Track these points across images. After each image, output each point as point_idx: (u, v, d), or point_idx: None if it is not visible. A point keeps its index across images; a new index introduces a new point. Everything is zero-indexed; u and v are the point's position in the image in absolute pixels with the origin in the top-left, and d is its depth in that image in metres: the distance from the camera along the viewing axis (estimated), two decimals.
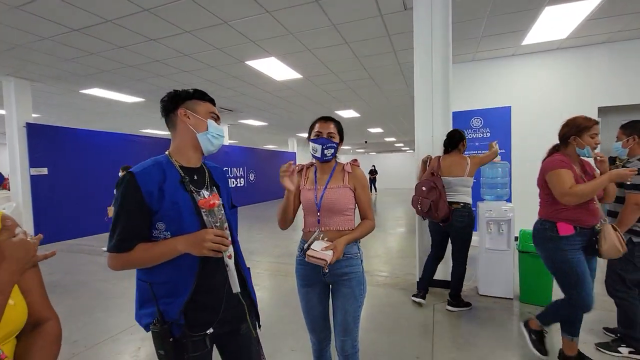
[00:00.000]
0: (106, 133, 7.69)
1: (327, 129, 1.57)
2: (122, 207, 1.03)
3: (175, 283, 1.07)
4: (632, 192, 2.07)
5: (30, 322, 0.74)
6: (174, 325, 1.06)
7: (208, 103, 1.19)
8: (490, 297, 3.23)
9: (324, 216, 1.55)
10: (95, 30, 3.94)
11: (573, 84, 5.07)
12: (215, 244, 1.00)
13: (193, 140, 1.14)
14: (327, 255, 1.41)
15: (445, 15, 3.17)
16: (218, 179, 1.26)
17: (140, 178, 1.04)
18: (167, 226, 1.05)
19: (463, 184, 2.89)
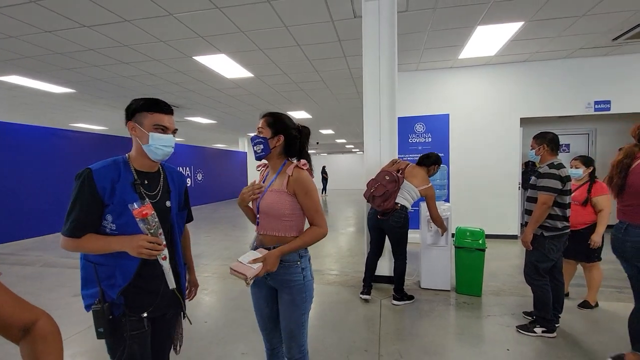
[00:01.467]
0: (30, 126, 6.81)
1: (258, 126, 1.52)
2: (78, 198, 1.17)
3: (117, 267, 1.21)
4: (542, 193, 2.40)
5: (18, 330, 0.70)
6: (114, 305, 1.20)
7: (156, 114, 1.25)
8: (430, 289, 3.49)
9: (262, 219, 1.49)
10: (16, 11, 3.48)
11: (500, 96, 5.69)
12: (147, 249, 1.14)
13: (141, 150, 1.26)
14: (251, 269, 1.35)
15: (392, 26, 3.36)
16: (173, 183, 1.39)
17: (97, 175, 1.18)
18: (113, 219, 1.20)
19: (410, 191, 3.11)
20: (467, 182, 5.80)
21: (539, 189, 2.42)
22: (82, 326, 2.76)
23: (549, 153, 2.52)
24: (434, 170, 3.28)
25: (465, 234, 3.34)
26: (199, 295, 3.52)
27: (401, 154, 5.58)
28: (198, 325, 2.81)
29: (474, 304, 3.16)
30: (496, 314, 2.93)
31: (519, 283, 3.61)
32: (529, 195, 2.58)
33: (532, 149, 2.61)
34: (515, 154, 5.69)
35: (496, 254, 4.81)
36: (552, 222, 2.44)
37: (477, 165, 5.77)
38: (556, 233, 2.44)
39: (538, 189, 2.44)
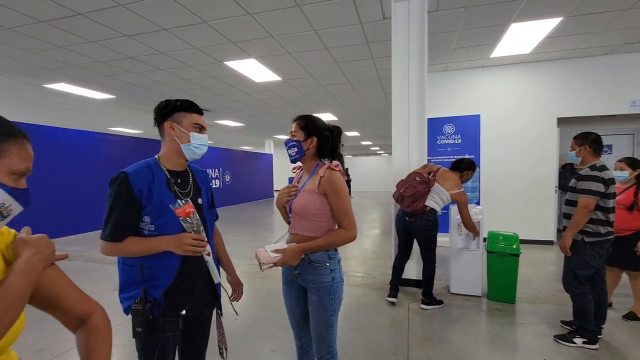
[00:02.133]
0: (75, 131, 7.31)
1: (291, 129, 1.56)
2: (116, 202, 1.18)
3: (161, 267, 1.23)
4: (583, 196, 2.28)
5: (76, 319, 0.77)
6: (155, 305, 1.22)
7: (194, 114, 1.30)
8: (460, 295, 3.40)
9: (294, 219, 1.53)
10: (64, 23, 3.77)
11: (535, 96, 5.45)
12: (192, 246, 1.18)
13: (178, 149, 1.29)
14: (269, 257, 1.41)
15: (422, 26, 3.32)
16: (201, 181, 1.42)
17: (133, 178, 1.20)
18: (152, 220, 1.22)
19: (441, 194, 3.05)
20: (500, 185, 5.60)
21: (580, 192, 2.30)
22: (122, 319, 2.93)
23: (591, 154, 2.38)
24: (468, 176, 3.21)
25: (498, 238, 3.23)
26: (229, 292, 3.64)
27: (429, 156, 5.48)
28: (229, 322, 2.90)
29: (507, 311, 3.04)
30: (531, 322, 2.81)
31: (555, 291, 3.44)
32: (568, 199, 2.46)
33: (572, 150, 2.48)
34: (552, 155, 5.42)
35: (530, 259, 4.61)
36: (594, 227, 2.31)
37: (510, 167, 5.56)
38: (598, 239, 2.31)
39: (578, 192, 2.32)
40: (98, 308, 0.81)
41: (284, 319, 2.90)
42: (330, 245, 1.47)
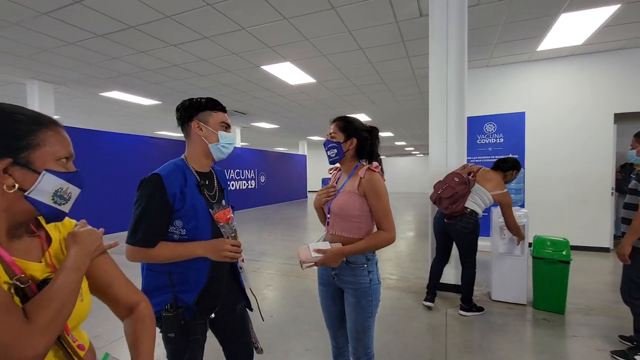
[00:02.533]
0: (125, 135, 7.90)
1: (330, 131, 1.58)
2: (150, 206, 1.13)
3: (191, 273, 1.20)
4: None
5: (124, 307, 0.84)
6: (186, 310, 1.19)
7: (220, 113, 1.27)
8: (503, 302, 3.23)
9: (332, 220, 1.53)
10: (118, 36, 4.10)
11: (589, 90, 5.03)
12: (231, 252, 1.16)
13: (205, 149, 1.25)
14: (310, 257, 1.42)
15: (461, 22, 3.21)
16: (223, 183, 1.41)
17: (167, 180, 1.16)
18: (184, 224, 1.17)
19: (482, 196, 2.92)
20: (547, 186, 5.23)
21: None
22: None
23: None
24: (512, 176, 3.04)
25: (546, 243, 3.03)
26: (264, 290, 3.74)
27: (469, 156, 5.25)
28: (265, 318, 2.98)
29: (555, 321, 2.84)
30: (584, 335, 2.60)
31: (612, 302, 3.15)
32: (627, 202, 2.24)
33: (633, 149, 2.27)
34: (608, 154, 4.97)
35: (583, 267, 4.26)
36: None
37: (558, 167, 5.18)
38: None
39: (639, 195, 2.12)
40: (144, 298, 0.88)
41: (319, 318, 2.93)
42: (372, 248, 1.46)
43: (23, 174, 0.64)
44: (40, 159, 0.66)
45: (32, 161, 0.65)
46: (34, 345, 0.58)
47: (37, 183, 0.65)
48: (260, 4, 3.37)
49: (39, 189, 0.65)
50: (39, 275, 0.68)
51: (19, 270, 0.65)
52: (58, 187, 0.68)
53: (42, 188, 0.66)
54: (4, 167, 0.62)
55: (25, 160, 0.64)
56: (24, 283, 0.64)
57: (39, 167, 0.65)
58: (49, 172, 0.66)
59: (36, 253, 0.71)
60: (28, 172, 0.64)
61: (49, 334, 0.61)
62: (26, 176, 0.64)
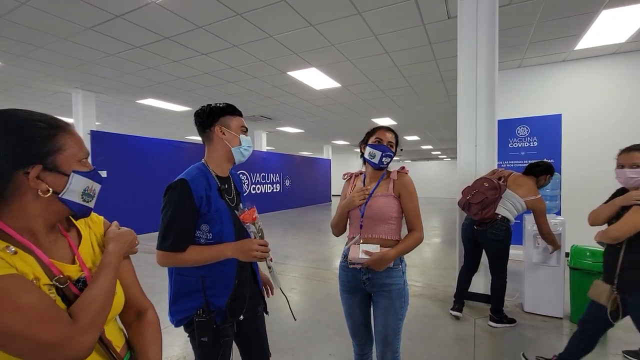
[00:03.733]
0: (157, 139, 8.30)
1: (388, 138, 1.59)
2: (179, 211, 1.15)
3: (219, 277, 1.23)
4: None
5: (134, 312, 0.88)
6: (217, 314, 1.21)
7: (238, 117, 1.30)
8: (537, 315, 3.06)
9: (366, 224, 1.55)
10: (154, 47, 4.33)
11: (635, 90, 4.70)
12: (259, 252, 1.17)
13: (228, 153, 1.28)
14: (358, 257, 1.45)
15: (491, 23, 3.11)
16: (238, 186, 1.43)
17: (193, 184, 1.18)
18: (210, 228, 1.20)
19: (514, 201, 2.79)
20: (586, 193, 4.91)
21: None
22: None
23: None
24: (545, 180, 2.88)
25: (585, 254, 2.85)
26: (288, 293, 3.77)
27: (499, 160, 5.06)
28: (289, 321, 3.01)
29: None
30: (627, 354, 2.41)
31: None
32: None
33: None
34: None
35: None
36: None
37: (599, 173, 4.85)
38: None
39: None
40: (152, 306, 0.92)
41: (343, 323, 2.91)
42: (410, 250, 1.51)
43: (53, 177, 0.68)
44: (65, 162, 0.69)
45: (60, 164, 0.69)
46: (81, 343, 0.62)
47: (68, 185, 0.69)
48: (287, 12, 3.45)
49: (70, 189, 0.70)
50: (74, 276, 0.72)
51: (57, 272, 0.68)
52: (85, 186, 0.72)
53: (72, 188, 0.70)
54: (37, 175, 0.65)
55: (53, 165, 0.68)
56: (62, 283, 0.68)
57: (66, 170, 0.69)
58: (76, 173, 0.71)
59: (67, 253, 0.75)
60: (58, 176, 0.68)
61: (93, 331, 0.66)
62: (56, 179, 0.68)
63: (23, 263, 0.63)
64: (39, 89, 6.28)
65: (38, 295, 0.60)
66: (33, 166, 0.65)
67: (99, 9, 3.38)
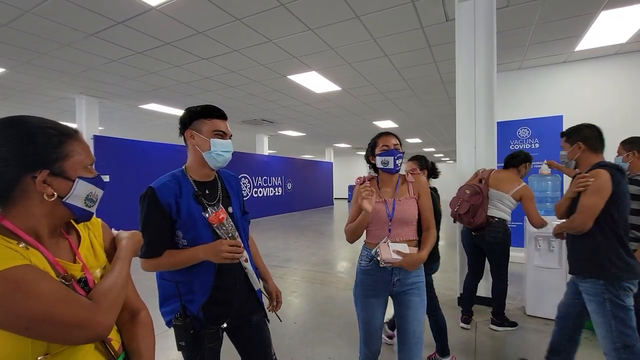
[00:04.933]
0: (160, 144, 8.36)
1: (393, 142, 1.62)
2: (147, 219, 1.18)
3: (196, 282, 1.22)
4: None
5: (128, 313, 0.89)
6: (195, 319, 1.21)
7: (215, 120, 1.23)
8: (539, 318, 3.03)
9: (395, 227, 1.57)
10: (155, 52, 4.38)
11: (634, 91, 4.67)
12: (229, 253, 1.15)
13: (200, 158, 1.24)
14: (391, 257, 1.47)
15: (489, 25, 3.12)
16: (231, 189, 1.38)
17: (160, 192, 1.18)
18: (184, 234, 1.20)
19: (502, 199, 2.78)
20: None
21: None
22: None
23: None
24: (526, 169, 2.87)
25: None
26: (288, 297, 3.77)
27: (501, 162, 5.04)
28: (288, 325, 3.01)
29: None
30: None
31: None
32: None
33: (619, 155, 2.27)
34: None
35: None
36: None
37: None
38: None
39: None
40: (146, 307, 0.94)
41: (343, 326, 2.91)
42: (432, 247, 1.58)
43: (59, 182, 0.71)
44: (72, 168, 0.72)
45: (66, 170, 0.72)
46: (103, 322, 0.67)
47: (72, 190, 0.72)
48: (286, 17, 3.48)
49: (74, 194, 0.73)
50: (77, 275, 0.74)
51: (62, 270, 0.71)
52: (89, 192, 0.75)
53: (76, 194, 0.73)
54: (43, 179, 0.68)
55: (60, 170, 0.71)
56: (68, 281, 0.71)
57: (72, 176, 0.72)
58: (81, 179, 0.73)
59: (68, 254, 0.77)
60: (63, 181, 0.71)
61: (112, 313, 0.71)
62: (62, 184, 0.71)
63: (35, 258, 0.66)
64: (43, 94, 6.36)
65: (56, 283, 0.65)
66: (41, 171, 0.68)
67: (101, 16, 3.43)
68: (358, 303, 1.65)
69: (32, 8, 3.25)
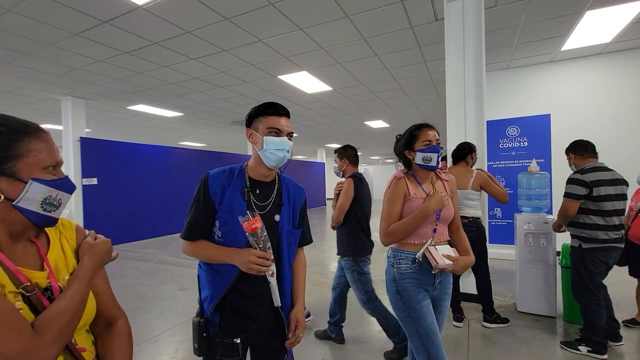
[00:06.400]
0: (148, 145, 8.23)
1: (435, 137, 1.55)
2: (195, 201, 1.18)
3: (216, 280, 1.17)
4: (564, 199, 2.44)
5: (104, 321, 0.83)
6: (209, 322, 1.15)
7: (269, 117, 1.18)
8: (530, 314, 3.06)
9: (440, 227, 1.53)
10: (143, 52, 4.30)
11: (620, 90, 4.78)
12: (256, 265, 1.08)
13: (258, 157, 1.20)
14: (444, 261, 1.43)
15: (478, 25, 3.15)
16: (288, 197, 1.28)
17: (211, 179, 1.18)
18: (220, 225, 1.17)
19: (465, 196, 2.81)
20: None
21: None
22: (186, 317, 3.18)
23: (580, 159, 2.57)
24: (473, 159, 2.95)
25: None
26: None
27: (490, 161, 5.10)
28: None
29: None
30: (623, 351, 2.42)
31: None
32: None
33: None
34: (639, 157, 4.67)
35: (619, 278, 3.97)
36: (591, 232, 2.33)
37: None
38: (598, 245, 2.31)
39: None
40: (124, 315, 0.87)
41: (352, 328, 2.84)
42: None
43: (9, 184, 0.65)
44: (25, 169, 0.66)
45: (18, 171, 0.66)
46: (45, 354, 0.60)
47: (24, 192, 0.66)
48: (275, 16, 3.45)
49: (26, 197, 0.66)
50: (43, 283, 0.69)
51: (24, 279, 0.66)
52: (47, 195, 0.69)
53: (30, 197, 0.67)
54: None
55: (11, 171, 0.65)
56: (29, 292, 0.65)
57: (25, 177, 0.66)
58: (35, 181, 0.67)
59: (35, 260, 0.72)
60: (14, 182, 0.65)
61: (57, 345, 0.63)
62: (13, 186, 0.65)
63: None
64: (26, 96, 6.19)
65: (1, 304, 0.58)
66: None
67: (85, 15, 3.35)
68: (412, 314, 1.46)
69: (13, 7, 3.16)
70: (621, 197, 2.32)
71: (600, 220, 2.30)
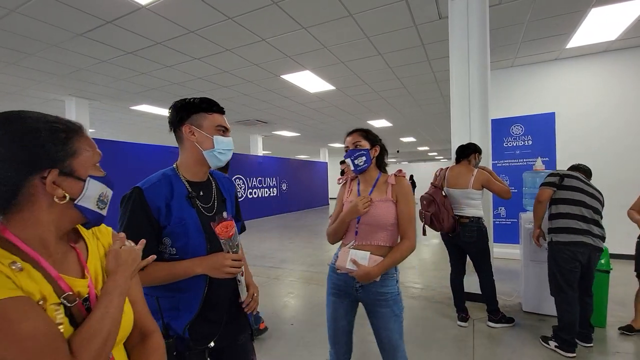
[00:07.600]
0: (152, 146, 8.26)
1: (352, 140, 1.55)
2: (131, 224, 1.01)
3: (183, 297, 1.07)
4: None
5: (138, 332, 0.79)
6: (178, 339, 1.06)
7: (216, 115, 1.12)
8: (535, 314, 3.04)
9: (362, 230, 1.49)
10: (146, 52, 4.31)
11: (626, 87, 4.73)
12: (232, 268, 1.05)
13: (199, 157, 1.10)
14: (345, 266, 1.42)
15: (482, 23, 3.12)
16: (225, 191, 1.25)
17: (148, 194, 1.04)
18: (172, 242, 1.05)
19: (467, 196, 2.78)
20: None
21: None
22: None
23: None
24: (477, 159, 2.91)
25: None
26: (285, 298, 3.74)
27: (495, 160, 5.07)
28: (285, 327, 2.97)
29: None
30: (628, 351, 2.39)
31: None
32: None
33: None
34: None
35: (626, 278, 3.95)
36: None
37: (593, 169, 4.85)
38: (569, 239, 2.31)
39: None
40: (158, 329, 0.83)
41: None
42: (399, 261, 1.47)
43: (69, 183, 0.63)
44: (81, 166, 0.65)
45: (76, 169, 0.64)
46: None
47: (84, 190, 0.65)
48: (278, 15, 3.45)
49: (86, 195, 0.65)
50: (84, 292, 0.66)
51: (66, 287, 0.63)
52: (100, 192, 0.68)
53: (89, 194, 0.65)
54: (53, 180, 0.61)
55: (70, 169, 0.63)
56: (71, 302, 0.62)
57: (82, 175, 0.65)
58: (92, 178, 0.66)
59: (75, 267, 0.69)
60: (74, 181, 0.64)
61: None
62: (73, 185, 0.64)
63: (29, 281, 0.57)
64: (31, 96, 6.23)
65: (41, 323, 0.55)
66: (50, 170, 0.61)
67: (89, 15, 3.36)
68: (326, 300, 1.63)
69: (18, 7, 3.17)
70: (594, 198, 2.38)
71: (570, 210, 2.34)
